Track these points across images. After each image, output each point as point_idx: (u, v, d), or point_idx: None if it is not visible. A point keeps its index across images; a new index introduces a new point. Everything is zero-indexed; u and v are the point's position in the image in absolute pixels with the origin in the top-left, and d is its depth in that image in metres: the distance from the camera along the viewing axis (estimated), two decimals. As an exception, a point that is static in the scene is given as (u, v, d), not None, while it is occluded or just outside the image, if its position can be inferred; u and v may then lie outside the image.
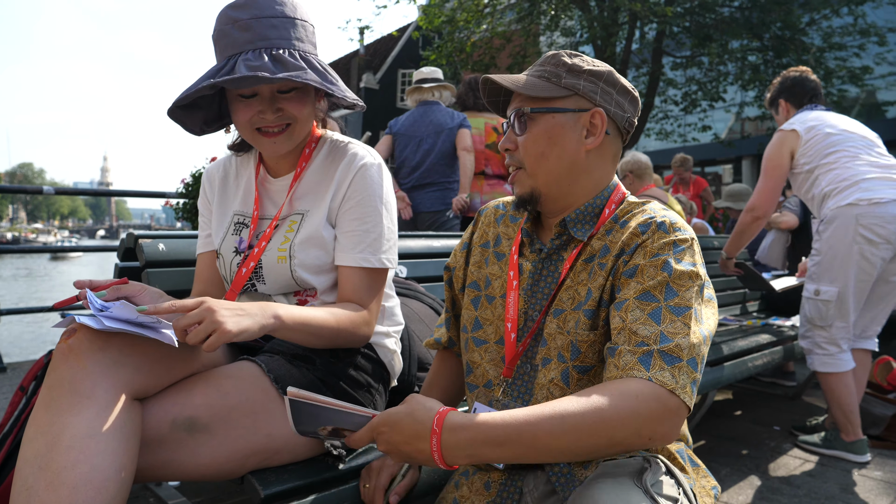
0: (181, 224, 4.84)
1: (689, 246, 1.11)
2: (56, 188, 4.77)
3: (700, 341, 1.03)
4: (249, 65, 1.29)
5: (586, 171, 1.21)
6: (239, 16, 1.33)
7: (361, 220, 1.47)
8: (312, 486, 1.34)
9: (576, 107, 1.19)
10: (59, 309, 1.48)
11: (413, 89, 4.41)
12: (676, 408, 0.99)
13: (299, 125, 1.44)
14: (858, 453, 2.87)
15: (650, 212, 1.17)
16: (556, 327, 1.17)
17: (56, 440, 1.03)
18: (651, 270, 1.08)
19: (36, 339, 10.71)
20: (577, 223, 1.21)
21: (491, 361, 1.28)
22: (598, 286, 1.14)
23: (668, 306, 1.05)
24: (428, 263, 2.38)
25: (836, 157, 2.89)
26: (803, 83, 3.19)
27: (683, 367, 1.00)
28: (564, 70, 1.20)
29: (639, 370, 0.99)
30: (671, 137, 14.72)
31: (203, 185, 1.65)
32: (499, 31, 13.53)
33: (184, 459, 1.21)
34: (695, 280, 1.08)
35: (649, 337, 1.02)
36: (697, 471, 1.17)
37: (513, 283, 1.25)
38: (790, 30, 11.62)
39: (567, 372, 1.15)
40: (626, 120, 1.22)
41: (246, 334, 1.13)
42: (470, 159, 4.16)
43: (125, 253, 1.81)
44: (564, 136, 1.18)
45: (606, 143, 1.22)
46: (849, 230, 2.79)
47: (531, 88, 1.19)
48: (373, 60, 28.22)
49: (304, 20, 1.40)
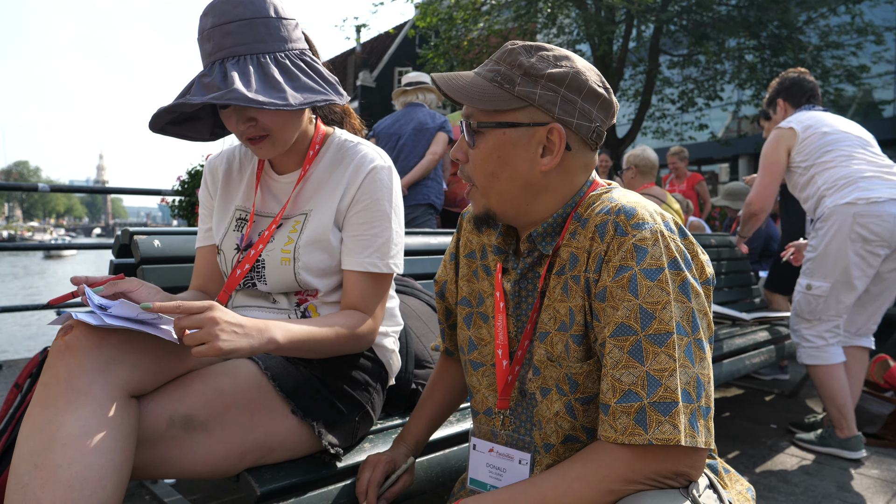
0: (177, 222, 4.82)
1: (653, 243, 0.97)
2: (52, 186, 4.74)
3: (689, 366, 0.95)
4: (203, 82, 1.27)
5: (546, 189, 1.08)
6: (204, 25, 1.31)
7: (370, 225, 1.44)
8: (308, 483, 1.33)
9: (530, 120, 1.03)
10: (56, 305, 1.47)
11: (399, 92, 4.55)
12: (689, 453, 0.94)
13: (277, 133, 1.38)
14: (853, 450, 2.88)
15: (606, 203, 1.04)
16: (545, 353, 1.09)
17: (52, 438, 1.02)
18: (619, 293, 0.97)
19: (32, 337, 10.69)
20: (545, 237, 1.10)
21: (489, 387, 1.21)
22: (579, 307, 1.04)
23: (647, 336, 0.94)
24: (425, 260, 2.38)
25: (833, 156, 2.93)
26: (801, 84, 3.26)
27: (680, 409, 0.92)
28: (520, 74, 1.03)
29: (639, 434, 0.92)
30: (668, 136, 14.76)
31: (205, 176, 1.63)
32: (496, 30, 13.52)
33: (180, 457, 1.21)
34: (668, 287, 0.96)
35: (636, 384, 0.94)
36: (730, 476, 1.14)
37: (499, 306, 1.16)
38: (787, 28, 11.65)
39: (570, 405, 1.07)
40: (594, 131, 1.06)
41: (236, 354, 1.10)
42: (430, 160, 4.28)
43: (120, 249, 1.80)
44: (516, 155, 1.04)
45: (569, 159, 1.07)
46: (845, 228, 2.83)
47: (479, 99, 1.04)
48: (369, 58, 28.20)
49: (267, 16, 1.32)
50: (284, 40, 1.35)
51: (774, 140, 3.09)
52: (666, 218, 1.02)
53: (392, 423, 1.65)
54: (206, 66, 1.30)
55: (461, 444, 1.60)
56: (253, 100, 1.23)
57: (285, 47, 1.35)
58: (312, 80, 1.36)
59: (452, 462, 1.52)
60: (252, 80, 1.27)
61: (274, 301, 1.48)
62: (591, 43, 12.39)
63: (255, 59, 1.31)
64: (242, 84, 1.25)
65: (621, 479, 0.94)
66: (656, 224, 0.99)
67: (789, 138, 3.04)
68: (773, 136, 3.10)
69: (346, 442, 1.42)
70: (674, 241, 1.00)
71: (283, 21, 1.35)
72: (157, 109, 1.33)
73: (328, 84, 1.38)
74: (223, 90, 1.24)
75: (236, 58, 1.29)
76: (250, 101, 1.23)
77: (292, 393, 1.34)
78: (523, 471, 1.10)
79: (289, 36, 1.36)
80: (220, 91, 1.24)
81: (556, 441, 1.10)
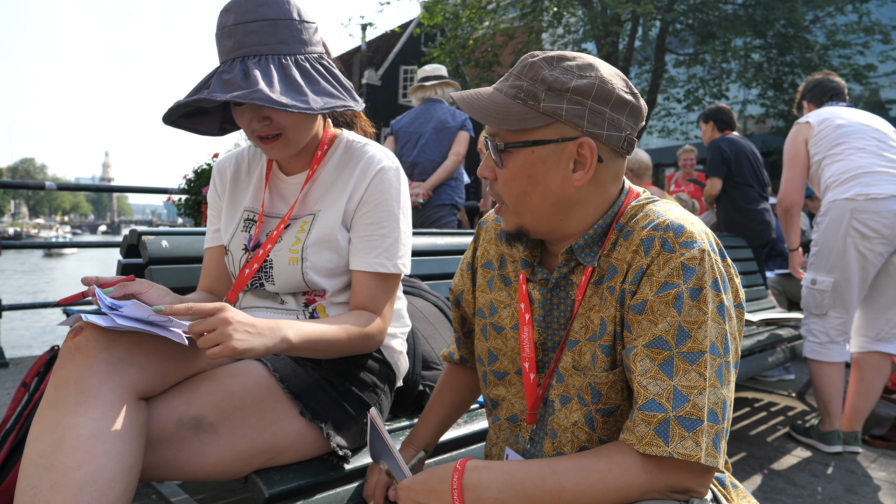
0: (183, 220, 4.83)
1: (699, 262, 0.96)
2: (58, 183, 4.78)
3: (718, 387, 0.94)
4: (223, 78, 1.27)
5: (580, 203, 1.05)
6: (225, 21, 1.31)
7: (378, 225, 1.45)
8: (317, 485, 1.33)
9: (558, 136, 1.00)
10: (65, 305, 1.47)
11: (416, 87, 4.45)
12: (704, 471, 0.94)
13: (291, 133, 1.38)
14: (828, 444, 2.96)
15: (653, 217, 1.02)
16: (571, 361, 1.07)
17: (61, 440, 1.02)
18: (661, 308, 0.96)
19: (39, 335, 10.72)
20: (585, 249, 1.07)
21: (517, 395, 1.19)
22: (611, 318, 1.03)
23: (680, 353, 0.94)
24: (432, 261, 2.37)
25: (842, 148, 2.96)
26: (822, 84, 3.31)
27: (704, 428, 0.91)
28: (543, 89, 0.99)
29: (658, 445, 0.91)
30: (674, 135, 14.70)
31: (213, 177, 1.63)
32: (501, 28, 13.51)
33: (189, 459, 1.21)
34: (706, 308, 0.95)
35: (661, 395, 0.93)
36: (737, 491, 1.13)
37: (525, 317, 1.14)
38: (794, 27, 11.60)
39: (590, 416, 1.06)
40: (625, 139, 1.03)
41: (250, 354, 1.11)
42: (454, 161, 4.22)
43: (128, 250, 1.80)
44: (547, 173, 1.01)
45: (601, 170, 1.04)
46: (842, 224, 2.88)
47: (504, 119, 1.01)
48: (375, 57, 28.18)
49: (290, 18, 1.32)
50: (305, 43, 1.36)
51: (793, 135, 3.15)
52: (710, 237, 1.01)
53: (400, 424, 1.65)
54: (226, 63, 1.30)
55: (470, 446, 1.59)
56: (277, 101, 1.23)
57: (306, 50, 1.36)
58: (331, 84, 1.37)
59: (460, 464, 1.52)
60: (275, 80, 1.28)
61: (282, 302, 1.48)
62: (596, 42, 12.36)
63: (277, 60, 1.31)
64: (265, 84, 1.25)
65: (641, 489, 0.93)
66: (704, 243, 0.98)
67: (805, 131, 3.09)
68: (792, 132, 3.16)
69: (354, 444, 1.42)
70: (716, 263, 0.98)
71: (305, 24, 1.36)
72: (174, 103, 1.33)
73: (345, 89, 1.39)
74: (246, 89, 1.24)
75: (258, 57, 1.30)
76: (274, 103, 1.23)
77: (300, 394, 1.34)
78: None
79: (310, 39, 1.37)
80: (244, 90, 1.24)
81: (569, 451, 1.08)
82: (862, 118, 3.04)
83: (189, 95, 1.30)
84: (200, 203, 3.75)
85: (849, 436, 2.97)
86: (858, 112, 3.07)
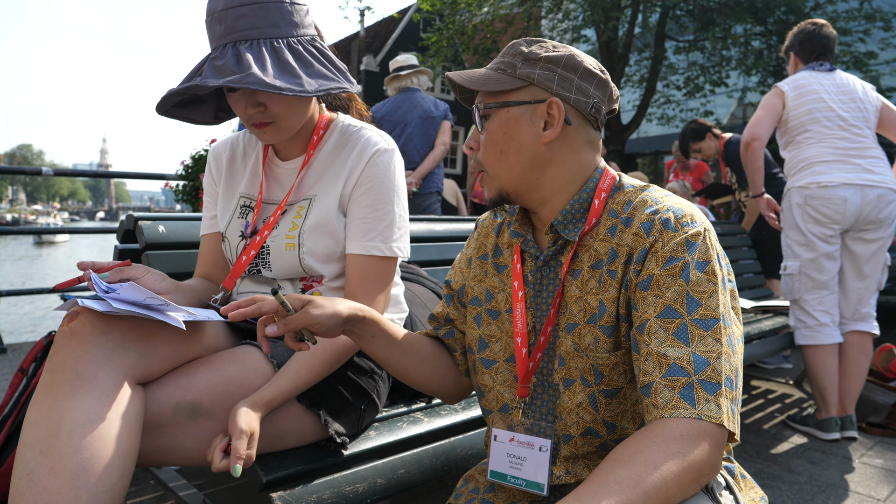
0: (181, 206, 4.81)
1: (702, 238, 1.01)
2: (55, 169, 4.77)
3: (731, 354, 0.95)
4: (215, 64, 1.26)
5: (553, 162, 1.12)
6: (214, 6, 1.29)
7: (373, 208, 1.44)
8: (314, 471, 1.33)
9: (531, 98, 1.10)
10: (61, 290, 1.46)
11: (391, 78, 4.59)
12: (724, 439, 0.92)
13: (284, 119, 1.37)
14: (825, 431, 2.98)
15: (651, 203, 1.07)
16: (572, 344, 1.09)
17: (58, 425, 1.02)
18: (668, 280, 0.99)
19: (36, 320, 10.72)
20: (566, 224, 1.12)
21: (504, 383, 1.20)
22: (612, 299, 1.05)
23: (693, 321, 0.96)
24: (430, 247, 2.36)
25: (805, 136, 3.05)
26: (813, 38, 3.19)
27: (723, 392, 0.92)
28: (520, 59, 1.11)
29: (684, 408, 0.90)
30: (673, 122, 14.66)
31: (209, 163, 1.62)
32: (500, 14, 13.43)
33: (186, 444, 1.21)
34: (715, 279, 0.98)
35: (682, 359, 0.93)
36: (746, 482, 1.13)
37: (518, 294, 1.17)
38: (795, 14, 11.53)
39: (594, 396, 1.08)
40: (592, 106, 1.11)
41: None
42: (442, 150, 4.45)
43: (125, 235, 1.79)
44: (521, 130, 1.10)
45: (571, 133, 1.11)
46: (797, 210, 3.03)
47: (485, 83, 1.11)
48: (373, 43, 28.03)
49: (281, 0, 1.31)
50: (297, 26, 1.34)
51: (771, 93, 3.17)
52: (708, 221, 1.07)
53: (397, 410, 1.65)
54: (217, 49, 1.29)
55: (467, 433, 1.59)
56: (271, 85, 1.22)
57: (297, 33, 1.34)
58: (325, 66, 1.35)
59: (458, 451, 1.52)
60: (268, 64, 1.26)
61: (279, 287, 1.47)
62: (596, 28, 12.30)
63: (269, 44, 1.29)
64: (258, 68, 1.24)
65: (700, 459, 0.88)
66: (704, 223, 1.04)
67: (782, 95, 3.12)
68: (770, 93, 3.17)
69: (351, 430, 1.42)
70: (717, 242, 1.05)
71: (296, 6, 1.34)
72: (167, 91, 1.31)
73: (339, 71, 1.37)
74: (239, 74, 1.22)
75: (249, 41, 1.28)
76: (268, 86, 1.22)
77: (298, 381, 1.33)
78: (543, 459, 1.10)
79: (301, 21, 1.35)
80: (237, 75, 1.22)
81: (575, 433, 1.10)
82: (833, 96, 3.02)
83: (181, 83, 1.29)
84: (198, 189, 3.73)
85: (844, 420, 2.99)
86: (834, 83, 3.05)
